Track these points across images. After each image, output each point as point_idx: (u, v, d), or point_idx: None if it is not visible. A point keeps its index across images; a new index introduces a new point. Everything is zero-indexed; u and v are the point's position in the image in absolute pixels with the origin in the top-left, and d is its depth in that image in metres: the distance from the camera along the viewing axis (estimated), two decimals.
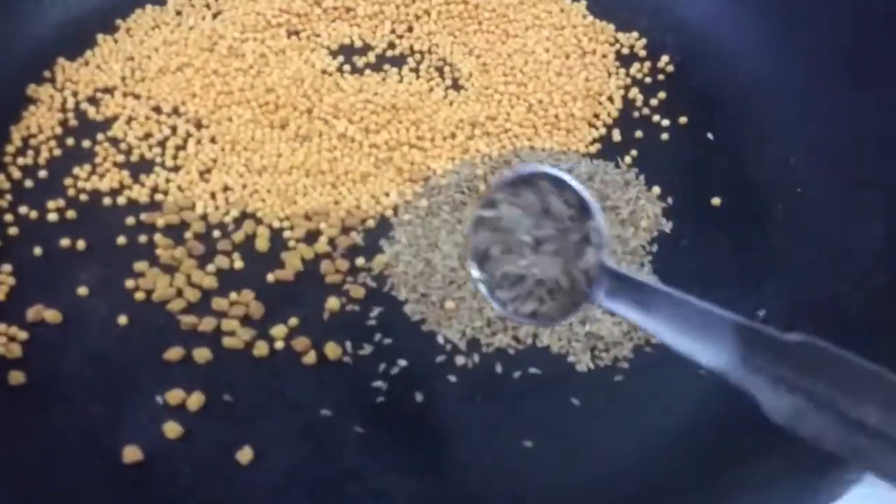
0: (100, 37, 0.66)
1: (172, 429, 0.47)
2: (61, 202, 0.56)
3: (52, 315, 0.51)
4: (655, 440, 0.47)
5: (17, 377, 0.48)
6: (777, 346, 0.31)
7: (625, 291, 0.37)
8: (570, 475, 0.46)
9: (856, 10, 0.60)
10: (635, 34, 0.69)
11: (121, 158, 0.59)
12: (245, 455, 0.46)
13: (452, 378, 0.50)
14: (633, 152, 0.61)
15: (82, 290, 0.52)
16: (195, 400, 0.48)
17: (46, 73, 0.63)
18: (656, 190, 0.58)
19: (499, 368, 0.50)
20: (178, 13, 0.68)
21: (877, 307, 0.49)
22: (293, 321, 0.51)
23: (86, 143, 0.60)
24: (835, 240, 0.54)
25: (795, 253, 0.55)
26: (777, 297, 0.53)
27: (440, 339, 0.51)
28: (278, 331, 0.51)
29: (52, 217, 0.56)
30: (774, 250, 0.56)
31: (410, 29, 0.68)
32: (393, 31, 0.68)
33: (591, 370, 0.50)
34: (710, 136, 0.62)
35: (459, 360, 0.50)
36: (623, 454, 0.47)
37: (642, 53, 0.68)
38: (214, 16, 0.68)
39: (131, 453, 0.45)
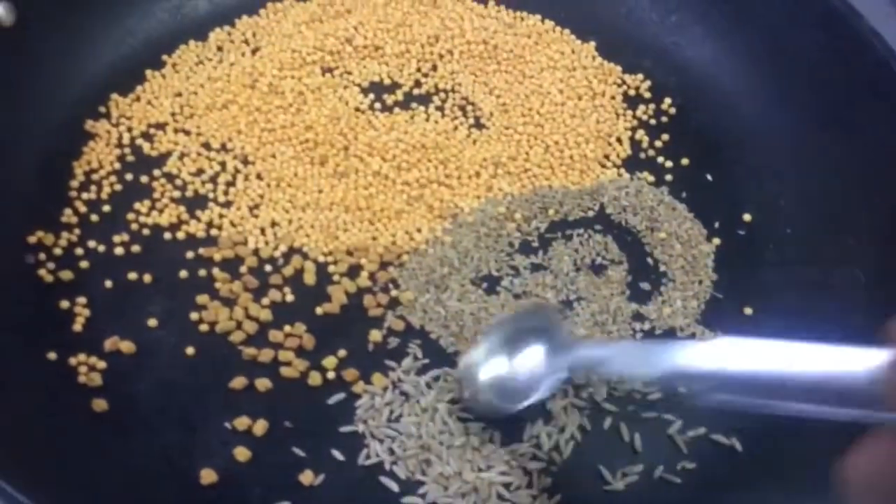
0: (149, 72, 0.70)
1: (242, 453, 0.52)
2: (126, 236, 0.61)
3: (126, 346, 0.56)
4: None
5: (100, 404, 0.54)
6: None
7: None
8: None
9: (841, 65, 0.67)
10: (640, 76, 0.75)
11: (177, 194, 0.64)
12: (307, 477, 0.52)
13: None
14: None
15: (152, 322, 0.58)
16: (260, 426, 0.54)
17: (102, 109, 0.68)
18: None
19: None
20: (220, 49, 0.73)
21: None
22: (342, 352, 0.57)
23: (143, 179, 0.64)
24: (819, 282, 0.61)
25: (784, 294, 0.62)
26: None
27: None
28: (329, 361, 0.57)
29: (119, 251, 0.61)
30: (764, 286, 0.63)
31: (435, 68, 0.74)
32: (419, 70, 0.74)
33: None
34: (709, 177, 0.69)
35: None
36: None
37: (647, 95, 0.74)
38: (253, 52, 0.73)
39: (207, 475, 0.51)
